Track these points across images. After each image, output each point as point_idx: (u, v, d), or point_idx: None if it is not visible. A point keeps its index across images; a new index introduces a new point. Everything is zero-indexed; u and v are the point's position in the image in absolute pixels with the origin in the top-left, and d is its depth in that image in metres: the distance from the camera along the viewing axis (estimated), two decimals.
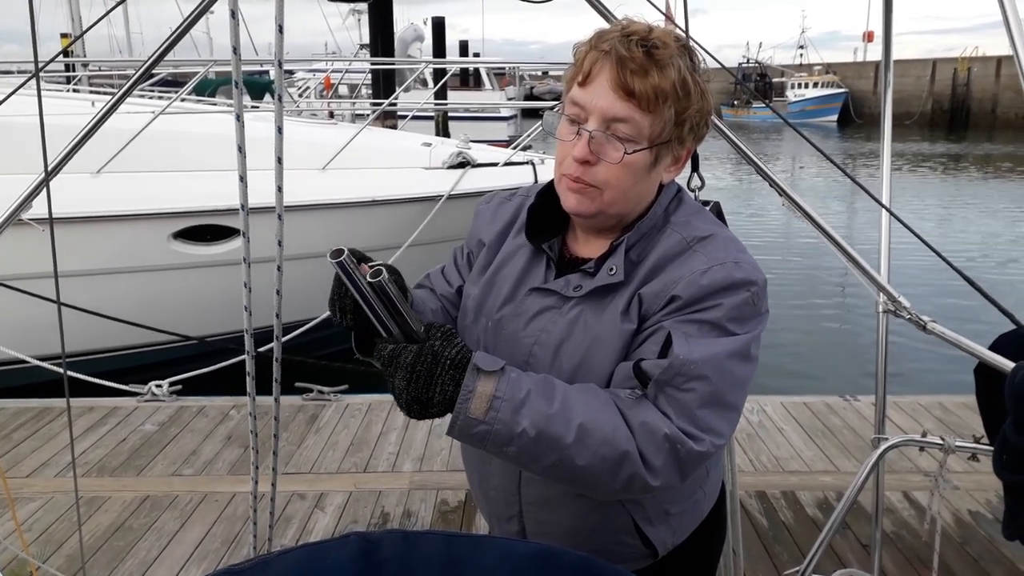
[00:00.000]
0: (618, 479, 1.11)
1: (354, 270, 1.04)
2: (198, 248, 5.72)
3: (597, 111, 1.17)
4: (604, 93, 1.16)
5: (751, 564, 3.10)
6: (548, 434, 1.08)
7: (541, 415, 1.08)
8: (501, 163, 6.82)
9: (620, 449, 1.09)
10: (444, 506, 3.60)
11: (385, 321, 1.09)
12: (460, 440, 1.13)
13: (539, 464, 1.11)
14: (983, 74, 41.23)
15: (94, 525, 3.43)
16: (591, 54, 1.18)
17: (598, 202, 1.22)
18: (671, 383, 1.12)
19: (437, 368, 1.06)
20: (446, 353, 1.07)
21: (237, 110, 1.05)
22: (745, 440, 4.18)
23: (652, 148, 1.19)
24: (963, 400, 4.57)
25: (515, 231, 1.38)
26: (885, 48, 2.19)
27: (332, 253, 1.02)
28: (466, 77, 29.86)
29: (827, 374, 7.15)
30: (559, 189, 1.26)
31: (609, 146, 1.17)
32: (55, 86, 9.25)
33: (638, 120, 1.16)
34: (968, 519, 3.43)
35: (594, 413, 1.11)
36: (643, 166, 1.20)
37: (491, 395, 1.07)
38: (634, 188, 1.22)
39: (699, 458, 1.14)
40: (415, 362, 1.06)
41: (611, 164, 1.18)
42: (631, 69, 1.14)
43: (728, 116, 46.06)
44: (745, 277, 1.18)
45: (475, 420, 1.07)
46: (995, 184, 20.85)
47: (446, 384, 1.07)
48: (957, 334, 1.83)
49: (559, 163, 1.25)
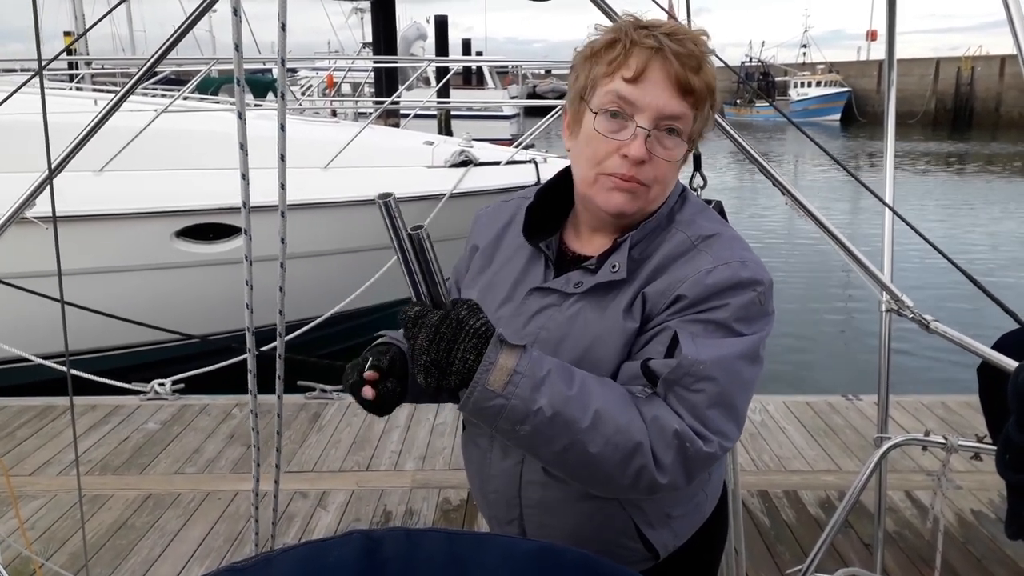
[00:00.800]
0: (627, 472, 1.09)
1: (399, 216, 1.02)
2: (201, 247, 5.73)
3: (652, 108, 1.15)
4: (660, 91, 1.15)
5: (753, 563, 3.10)
6: (564, 416, 1.06)
7: (560, 396, 1.07)
8: (504, 162, 6.82)
9: (634, 440, 1.08)
10: (446, 505, 3.60)
11: (417, 279, 1.07)
12: (472, 415, 1.09)
13: (550, 448, 1.09)
14: (987, 73, 41.15)
15: (97, 523, 3.43)
16: (637, 50, 1.15)
17: (643, 200, 1.21)
18: (680, 383, 1.12)
19: (460, 334, 1.04)
20: (471, 322, 1.05)
21: (239, 108, 1.05)
22: (747, 439, 4.18)
23: (690, 145, 1.21)
24: (966, 400, 4.56)
25: (512, 232, 1.36)
26: (888, 46, 2.18)
27: (380, 195, 1.01)
28: (469, 76, 29.85)
29: (830, 373, 7.15)
30: (594, 189, 1.21)
31: (660, 144, 1.17)
32: (58, 84, 9.26)
33: (689, 117, 1.17)
34: (971, 519, 3.42)
35: (610, 401, 1.10)
36: (679, 163, 1.23)
37: (512, 369, 1.05)
38: (670, 186, 1.24)
39: (706, 460, 1.13)
40: (440, 324, 1.04)
41: (664, 162, 1.18)
42: (691, 67, 1.14)
43: (731, 115, 46.05)
44: (751, 276, 1.18)
45: (492, 392, 1.05)
46: (999, 183, 20.81)
47: (467, 352, 1.04)
48: (960, 333, 1.83)
49: (596, 161, 1.20)
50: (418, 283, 1.08)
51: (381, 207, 1.01)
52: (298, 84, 19.83)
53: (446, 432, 4.29)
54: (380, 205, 1.01)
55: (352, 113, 12.45)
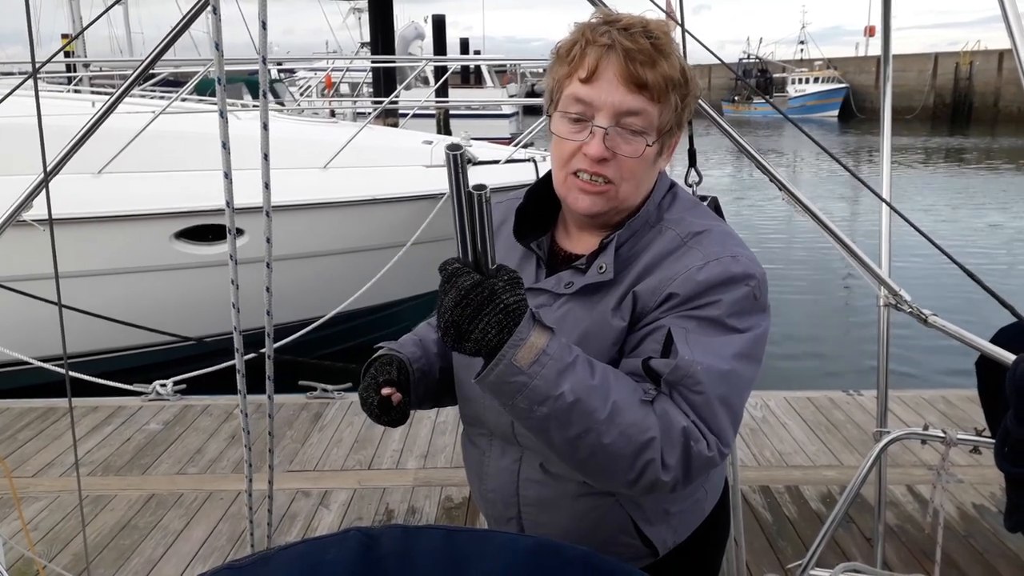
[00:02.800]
0: (635, 466, 1.09)
1: (463, 171, 0.99)
2: (200, 248, 5.73)
3: (608, 106, 1.16)
4: (614, 87, 1.15)
5: (755, 558, 3.11)
6: (585, 404, 1.05)
7: (583, 384, 1.06)
8: (503, 160, 6.81)
9: (647, 434, 1.08)
10: (448, 502, 3.61)
11: (466, 238, 1.04)
12: (490, 388, 1.07)
13: (564, 433, 1.07)
14: (985, 68, 41.10)
15: (100, 524, 3.44)
16: (591, 49, 1.16)
17: (613, 199, 1.21)
18: (681, 383, 1.12)
19: (488, 306, 1.02)
20: (504, 296, 1.02)
21: (220, 106, 1.05)
22: (749, 435, 4.18)
23: (659, 138, 1.20)
24: (967, 394, 4.56)
25: (504, 233, 1.36)
26: (884, 41, 2.18)
27: (450, 145, 0.98)
28: (467, 75, 29.85)
29: (831, 369, 7.15)
30: (564, 189, 1.24)
31: (622, 140, 1.17)
32: (56, 87, 9.26)
33: (650, 111, 1.16)
34: (972, 512, 3.43)
35: (626, 395, 1.10)
36: (652, 157, 1.21)
37: (541, 349, 1.04)
38: (644, 181, 1.23)
39: (706, 462, 1.13)
40: (470, 290, 1.01)
41: (628, 159, 1.18)
42: (640, 61, 1.14)
43: (729, 112, 45.98)
44: (743, 271, 1.18)
45: (517, 368, 1.03)
46: (998, 178, 20.79)
47: (489, 325, 1.02)
48: (958, 327, 1.83)
49: (563, 163, 1.22)
50: (466, 242, 1.04)
51: (448, 158, 0.98)
52: (296, 85, 19.82)
53: (448, 430, 4.30)
54: (448, 156, 0.98)
55: (351, 113, 12.45)
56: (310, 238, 5.95)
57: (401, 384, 1.33)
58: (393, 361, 1.36)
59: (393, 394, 1.31)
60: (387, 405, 1.31)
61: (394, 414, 1.33)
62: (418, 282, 6.29)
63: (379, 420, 1.33)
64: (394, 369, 1.34)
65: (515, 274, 1.06)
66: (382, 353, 1.40)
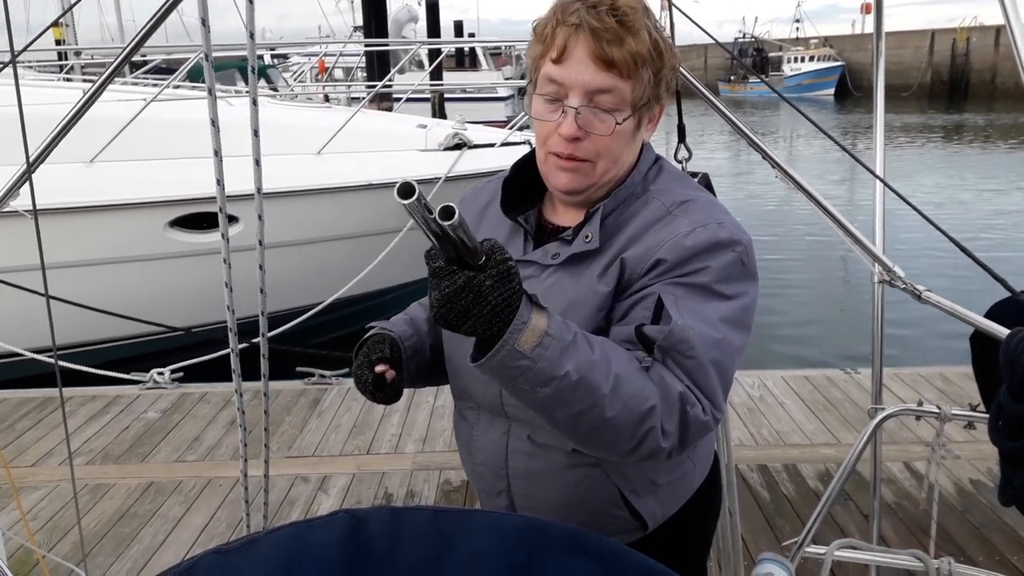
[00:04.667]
0: (636, 434, 1.09)
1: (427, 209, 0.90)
2: (195, 236, 5.71)
3: (578, 85, 1.16)
4: (583, 67, 1.16)
5: (752, 536, 3.12)
6: (589, 381, 1.05)
7: (586, 360, 1.05)
8: (498, 143, 6.79)
9: (648, 403, 1.08)
10: (447, 486, 3.62)
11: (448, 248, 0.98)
12: (491, 372, 1.04)
13: (566, 411, 1.07)
14: (982, 44, 40.92)
15: (99, 512, 3.45)
16: (560, 29, 1.16)
17: (591, 176, 1.22)
18: (675, 348, 1.12)
19: (475, 308, 0.99)
20: (491, 297, 0.99)
21: (209, 85, 1.05)
22: (746, 414, 4.19)
23: (635, 113, 1.20)
24: (964, 370, 4.56)
25: (493, 209, 1.37)
26: (877, 15, 2.16)
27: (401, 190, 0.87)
28: (462, 58, 29.65)
29: (828, 347, 7.17)
30: (545, 168, 1.26)
31: (595, 119, 1.18)
32: (47, 75, 9.20)
33: (621, 88, 1.17)
34: (969, 488, 3.44)
35: (625, 365, 1.10)
36: (629, 132, 1.22)
37: (543, 331, 1.03)
38: (624, 155, 1.24)
39: (702, 427, 1.14)
40: (456, 294, 0.98)
41: (601, 136, 1.18)
42: (607, 39, 1.14)
43: (725, 92, 45.80)
44: (729, 236, 1.19)
45: (520, 353, 1.01)
46: (994, 155, 20.75)
47: (479, 323, 1.00)
48: (952, 303, 1.83)
49: (542, 142, 1.24)
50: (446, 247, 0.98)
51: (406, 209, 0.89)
52: (290, 70, 19.70)
53: (446, 414, 4.30)
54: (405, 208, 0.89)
55: (345, 98, 12.38)
56: (305, 225, 5.94)
57: (394, 361, 1.35)
58: (385, 339, 1.38)
59: (387, 371, 1.32)
60: (381, 382, 1.33)
61: (388, 391, 1.34)
62: (414, 268, 6.26)
63: (374, 398, 1.34)
64: (386, 347, 1.36)
65: (504, 263, 1.00)
66: (374, 332, 1.42)
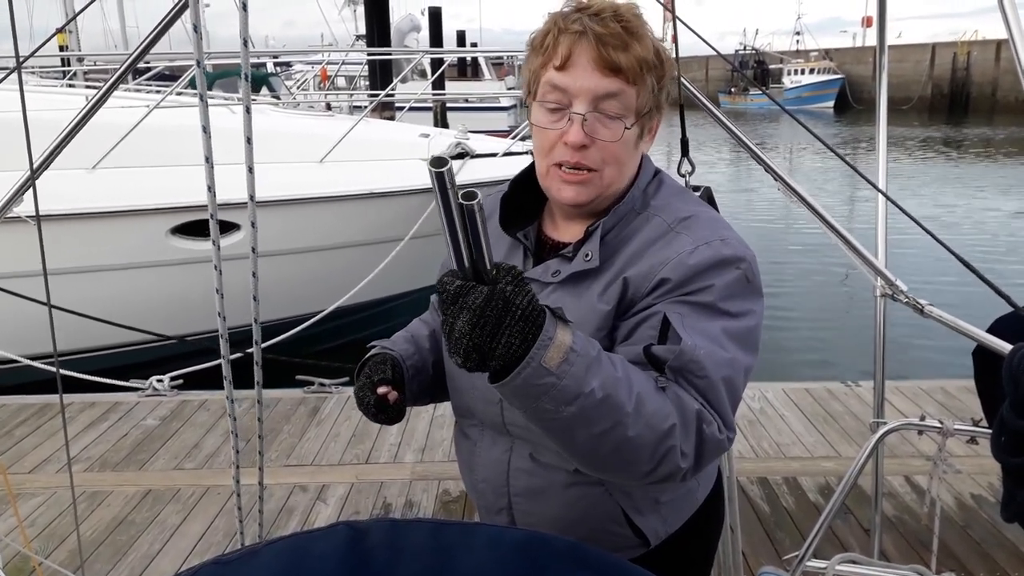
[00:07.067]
0: (656, 455, 1.05)
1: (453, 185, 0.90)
2: (196, 243, 5.71)
3: (584, 92, 1.16)
4: (588, 73, 1.15)
5: (753, 550, 3.11)
6: (613, 399, 1.01)
7: (610, 377, 1.01)
8: (500, 153, 6.80)
9: (669, 421, 1.05)
10: (446, 496, 3.60)
11: (461, 251, 0.95)
12: (511, 394, 0.99)
13: (588, 430, 1.02)
14: (983, 58, 41.02)
15: (96, 520, 3.43)
16: (563, 37, 1.16)
17: (597, 186, 1.21)
18: (686, 368, 1.10)
19: (507, 317, 0.93)
20: (517, 301, 0.94)
21: (200, 91, 1.05)
22: (747, 426, 4.18)
23: (639, 120, 1.20)
24: (965, 384, 4.56)
25: (491, 226, 1.32)
26: (879, 29, 2.17)
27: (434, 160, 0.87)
28: (464, 67, 29.76)
29: (829, 360, 7.15)
30: (549, 181, 1.24)
31: (601, 126, 1.17)
32: (50, 81, 9.22)
33: (627, 94, 1.17)
34: (971, 503, 3.43)
35: (645, 383, 1.07)
36: (633, 140, 1.21)
37: (568, 347, 0.98)
38: (628, 164, 1.23)
39: (717, 446, 1.11)
40: (484, 306, 0.92)
41: (608, 143, 1.18)
42: (613, 45, 1.14)
43: (725, 104, 45.89)
44: (733, 253, 1.18)
45: (546, 370, 0.96)
46: (995, 168, 20.77)
47: (512, 336, 0.94)
48: (955, 317, 1.83)
49: (545, 152, 1.22)
50: (461, 254, 0.95)
51: (433, 177, 0.89)
52: (293, 78, 19.76)
53: (445, 424, 4.29)
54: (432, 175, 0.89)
55: (347, 107, 12.41)
56: (306, 233, 5.93)
57: (396, 382, 1.34)
58: (387, 359, 1.37)
59: (389, 392, 1.31)
60: (384, 404, 1.32)
61: (391, 412, 1.33)
62: (416, 277, 6.27)
63: (376, 419, 1.33)
64: (388, 367, 1.35)
65: (515, 270, 0.98)
66: (375, 352, 1.41)
